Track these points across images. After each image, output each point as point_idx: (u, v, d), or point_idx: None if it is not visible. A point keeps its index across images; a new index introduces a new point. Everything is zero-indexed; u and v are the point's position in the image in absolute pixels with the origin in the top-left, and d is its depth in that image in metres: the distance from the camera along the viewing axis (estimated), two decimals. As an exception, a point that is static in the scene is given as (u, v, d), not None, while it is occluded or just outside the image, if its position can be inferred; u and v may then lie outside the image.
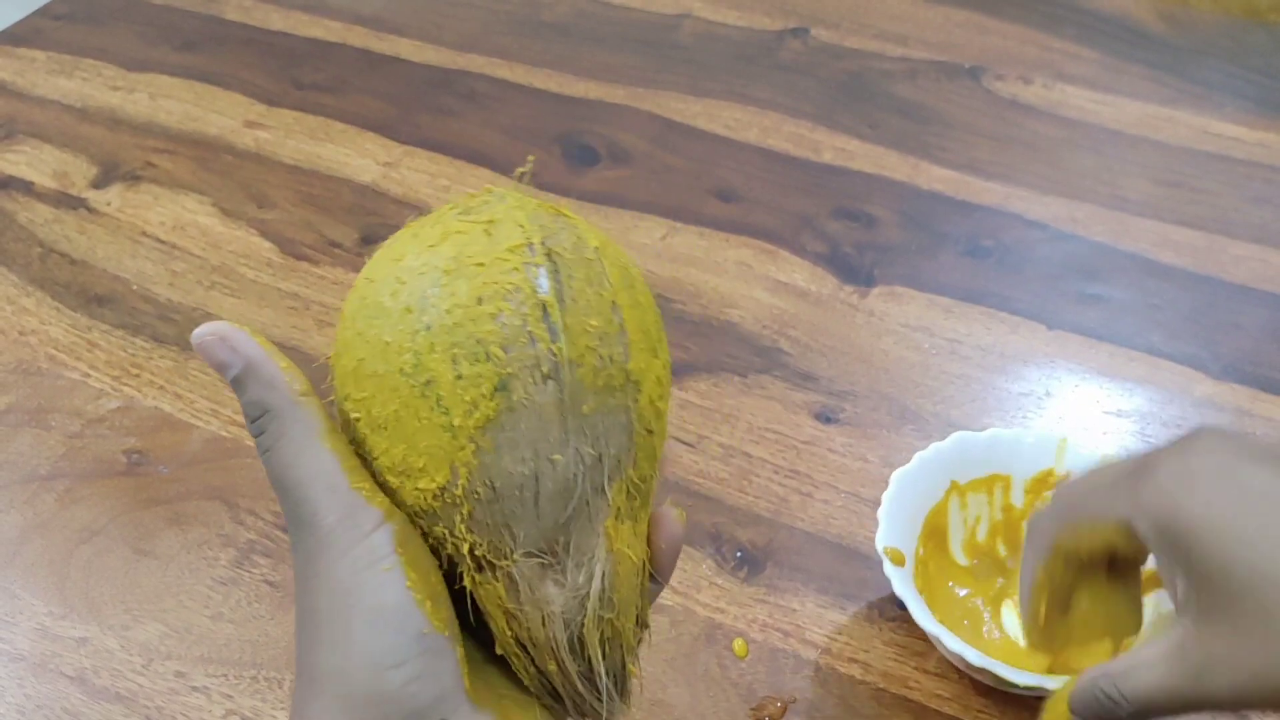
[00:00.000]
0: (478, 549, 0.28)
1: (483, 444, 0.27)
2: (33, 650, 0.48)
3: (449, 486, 0.28)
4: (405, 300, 0.28)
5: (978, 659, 0.42)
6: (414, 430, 0.27)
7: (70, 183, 0.72)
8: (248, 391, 0.28)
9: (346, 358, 0.29)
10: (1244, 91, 0.75)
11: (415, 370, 0.27)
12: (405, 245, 0.29)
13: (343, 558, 0.27)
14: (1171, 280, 0.63)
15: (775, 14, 0.84)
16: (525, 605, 0.29)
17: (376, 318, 0.28)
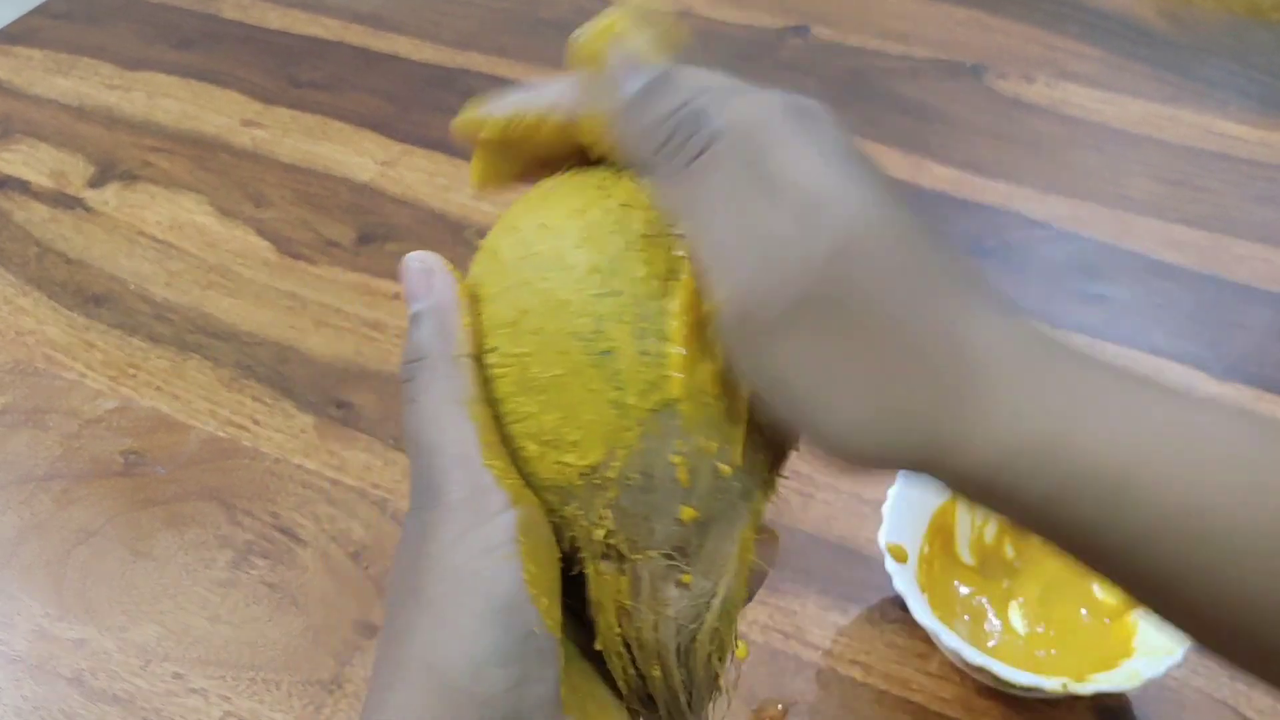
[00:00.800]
0: (612, 538, 0.26)
1: (651, 428, 0.25)
2: (30, 652, 0.48)
3: (601, 466, 0.25)
4: (592, 258, 0.25)
5: (975, 657, 0.42)
6: (577, 400, 0.25)
7: (67, 182, 0.72)
8: (420, 330, 0.26)
9: (503, 305, 0.26)
10: (1247, 90, 0.75)
11: (595, 337, 0.25)
12: (589, 196, 0.27)
13: (460, 540, 0.25)
14: (1174, 279, 0.62)
15: (776, 12, 0.83)
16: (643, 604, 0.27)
17: (554, 269, 0.25)
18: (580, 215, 0.26)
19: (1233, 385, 0.57)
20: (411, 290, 0.27)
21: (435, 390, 0.26)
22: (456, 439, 0.25)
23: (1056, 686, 0.41)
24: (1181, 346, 0.59)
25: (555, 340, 0.25)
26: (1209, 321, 0.60)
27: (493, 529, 0.25)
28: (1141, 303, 0.61)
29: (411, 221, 0.68)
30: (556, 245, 0.26)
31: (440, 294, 0.27)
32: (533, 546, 0.25)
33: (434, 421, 0.25)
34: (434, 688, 0.24)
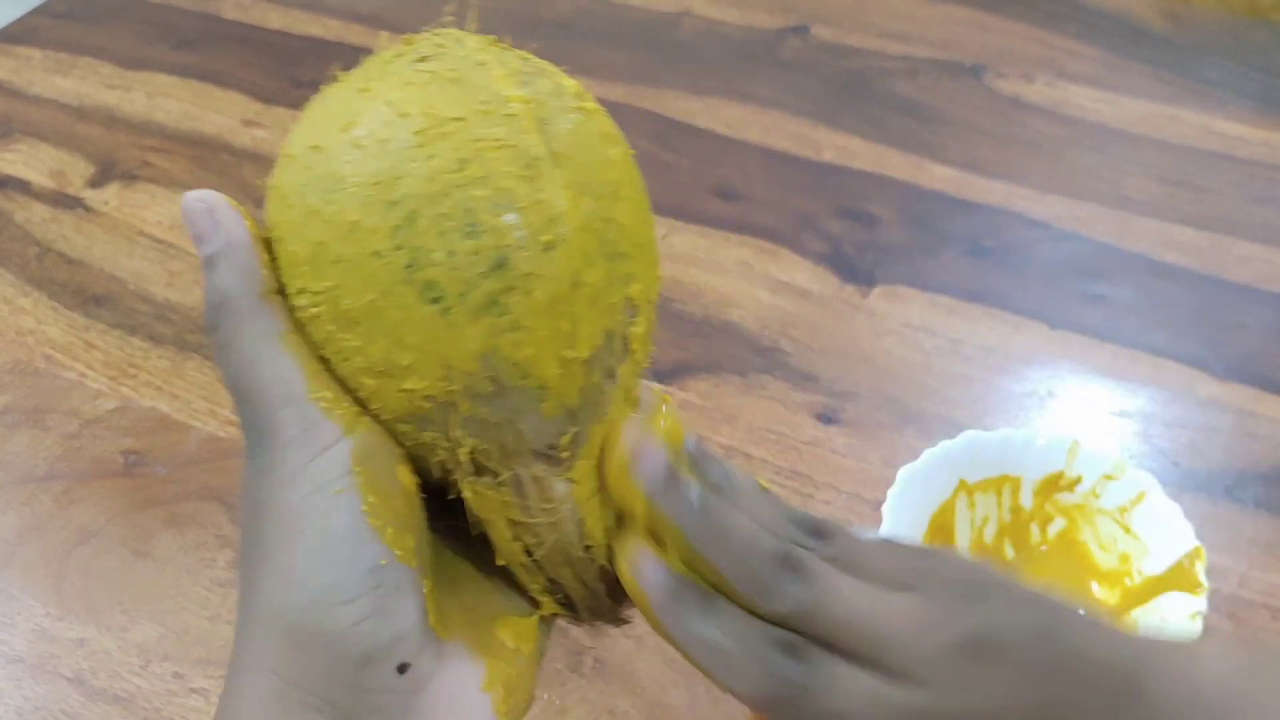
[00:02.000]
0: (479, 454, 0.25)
1: (481, 331, 0.23)
2: (30, 651, 0.48)
3: (444, 382, 0.24)
4: (373, 169, 0.23)
5: None
6: (397, 322, 0.23)
7: (67, 182, 0.72)
8: (217, 274, 0.25)
9: (296, 242, 0.24)
10: (1247, 90, 0.75)
11: (395, 251, 0.23)
12: (356, 104, 0.25)
13: (292, 479, 0.24)
14: (1175, 280, 0.62)
15: (776, 12, 0.83)
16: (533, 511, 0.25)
17: (335, 191, 0.24)
18: (349, 127, 0.24)
19: (1233, 386, 0.57)
20: (198, 232, 0.25)
21: (246, 331, 0.25)
22: (278, 377, 0.24)
23: None
24: (1182, 347, 0.59)
25: (359, 265, 0.23)
26: (1209, 322, 0.60)
27: (325, 463, 0.24)
28: (1142, 303, 0.61)
29: (412, 221, 0.68)
30: (330, 164, 0.24)
31: (230, 232, 0.25)
32: (372, 476, 0.24)
33: (252, 363, 0.24)
34: (281, 631, 0.23)
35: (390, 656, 0.24)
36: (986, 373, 0.58)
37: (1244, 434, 0.54)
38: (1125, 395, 0.57)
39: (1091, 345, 0.59)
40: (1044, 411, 0.56)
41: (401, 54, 0.26)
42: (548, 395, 0.24)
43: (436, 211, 0.23)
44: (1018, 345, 0.59)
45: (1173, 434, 0.54)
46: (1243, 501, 0.51)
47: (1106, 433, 0.55)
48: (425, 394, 0.24)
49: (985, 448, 0.48)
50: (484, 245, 0.23)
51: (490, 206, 0.23)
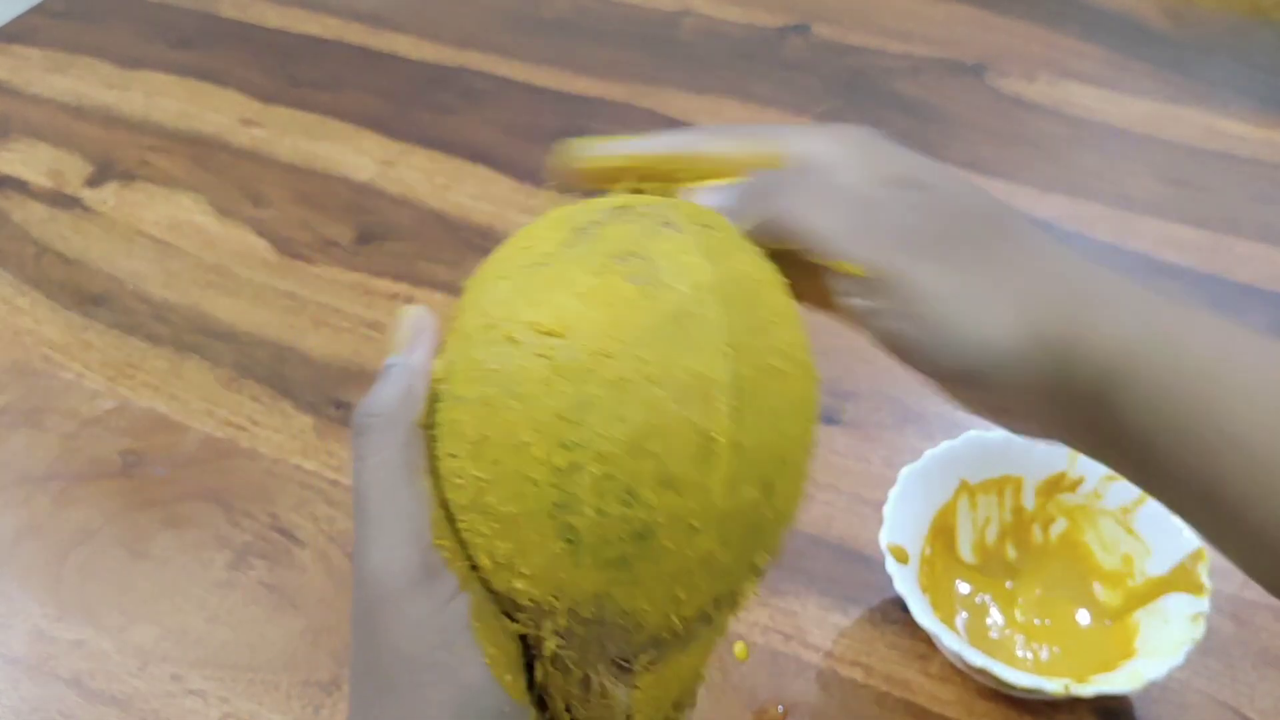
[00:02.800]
0: (562, 650, 0.26)
1: (602, 579, 0.24)
2: (28, 653, 0.48)
3: (552, 599, 0.24)
4: (558, 400, 0.23)
5: (976, 658, 0.41)
6: (531, 542, 0.24)
7: (65, 181, 0.72)
8: (385, 386, 0.26)
9: (468, 420, 0.24)
10: (1249, 89, 0.75)
11: (551, 488, 0.23)
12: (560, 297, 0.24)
13: (417, 626, 0.25)
14: (1177, 279, 0.62)
15: (776, 10, 0.83)
16: (593, 703, 0.26)
17: (517, 399, 0.23)
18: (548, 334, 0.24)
19: (1235, 385, 0.56)
20: (398, 340, 0.27)
21: (389, 452, 0.25)
22: (408, 513, 0.25)
23: (1058, 688, 0.41)
24: (1183, 346, 0.58)
25: (513, 479, 0.24)
26: (1211, 321, 0.60)
27: (449, 617, 0.25)
28: (1143, 302, 0.61)
29: (410, 221, 0.67)
30: (519, 367, 0.24)
31: (419, 359, 0.26)
32: (489, 630, 0.25)
33: (385, 487, 0.25)
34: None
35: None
36: (988, 373, 0.58)
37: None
38: (1127, 395, 0.56)
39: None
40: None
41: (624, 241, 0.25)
42: (644, 634, 0.25)
43: (604, 470, 0.23)
44: (1019, 345, 0.59)
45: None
46: (1245, 502, 0.51)
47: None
48: (532, 597, 0.25)
49: (987, 448, 0.48)
50: (633, 516, 0.23)
51: (654, 483, 0.23)
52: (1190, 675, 0.45)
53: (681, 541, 0.24)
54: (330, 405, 0.57)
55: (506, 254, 0.27)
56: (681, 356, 0.23)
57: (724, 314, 0.24)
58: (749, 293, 0.25)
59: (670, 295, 0.24)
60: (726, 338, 0.24)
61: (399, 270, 0.64)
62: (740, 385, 0.24)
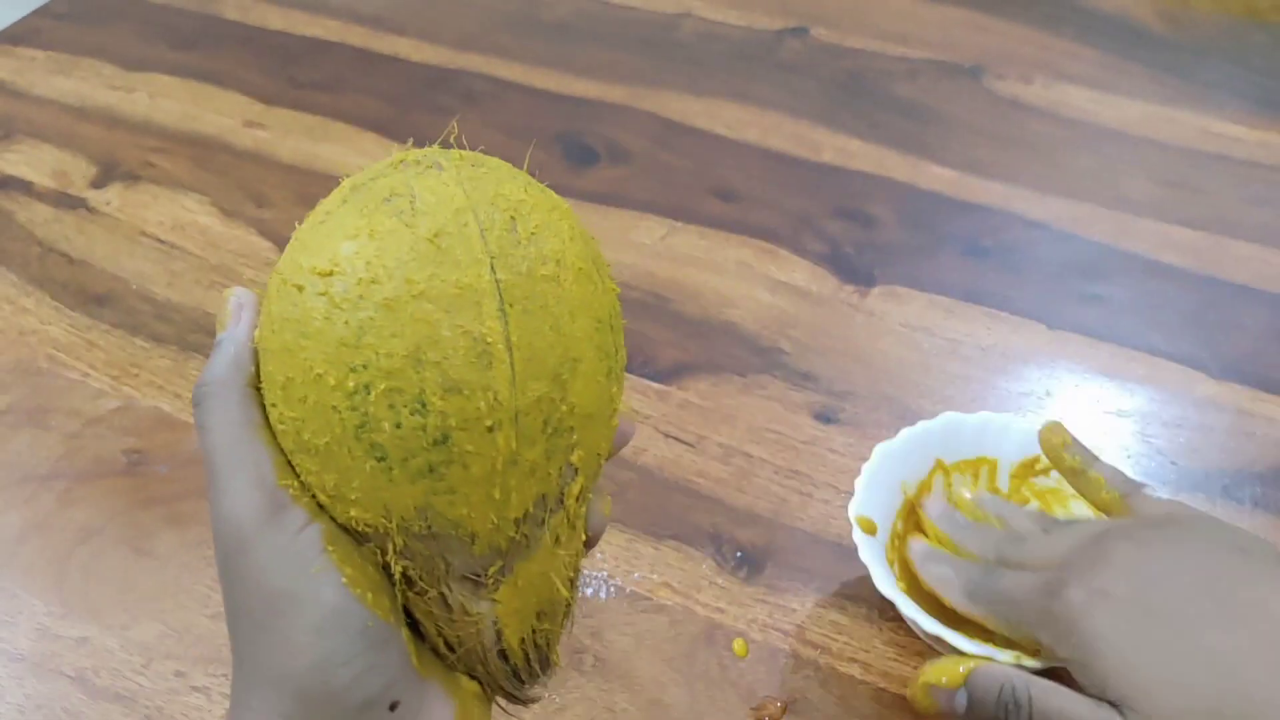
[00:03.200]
0: (410, 571, 0.27)
1: (419, 492, 0.26)
2: (32, 650, 0.48)
3: (383, 519, 0.26)
4: (339, 329, 0.25)
5: (931, 626, 0.42)
6: (347, 466, 0.26)
7: (69, 182, 0.72)
8: (215, 359, 0.29)
9: (275, 368, 0.27)
10: (1245, 91, 0.75)
11: (350, 411, 0.25)
12: (337, 246, 0.26)
13: (273, 560, 0.27)
14: (1172, 280, 0.63)
15: (775, 13, 0.84)
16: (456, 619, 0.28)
17: (307, 337, 0.26)
18: (326, 275, 0.26)
19: (1230, 386, 0.57)
20: (223, 318, 0.30)
21: (224, 414, 0.28)
22: (251, 462, 0.27)
23: (1009, 659, 0.41)
24: (1179, 347, 0.59)
25: (319, 412, 0.26)
26: (1207, 322, 0.60)
27: (301, 545, 0.27)
28: (1139, 303, 0.62)
29: (412, 222, 0.68)
30: (306, 305, 0.26)
31: (243, 329, 0.29)
32: (344, 553, 0.27)
33: (225, 445, 0.28)
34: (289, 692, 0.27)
35: (384, 699, 0.28)
36: (985, 372, 0.58)
37: (1241, 434, 0.55)
38: (1123, 395, 0.57)
39: (1089, 345, 0.59)
40: (1042, 411, 0.56)
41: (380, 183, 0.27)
42: (477, 541, 0.27)
43: (390, 385, 0.25)
44: (1016, 345, 0.59)
45: (1170, 434, 0.55)
46: (1240, 501, 0.52)
47: (1104, 433, 0.55)
48: (366, 522, 0.27)
49: (964, 429, 0.48)
50: (429, 424, 0.25)
51: (439, 390, 0.25)
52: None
53: (481, 442, 0.25)
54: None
55: (303, 223, 0.29)
56: (443, 271, 0.25)
57: (482, 230, 0.26)
58: (507, 211, 0.27)
59: (427, 220, 0.26)
60: (486, 250, 0.26)
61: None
62: (508, 291, 0.26)
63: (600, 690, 0.46)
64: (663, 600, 0.49)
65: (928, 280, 0.63)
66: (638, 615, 0.48)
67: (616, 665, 0.47)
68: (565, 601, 0.30)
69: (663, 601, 0.49)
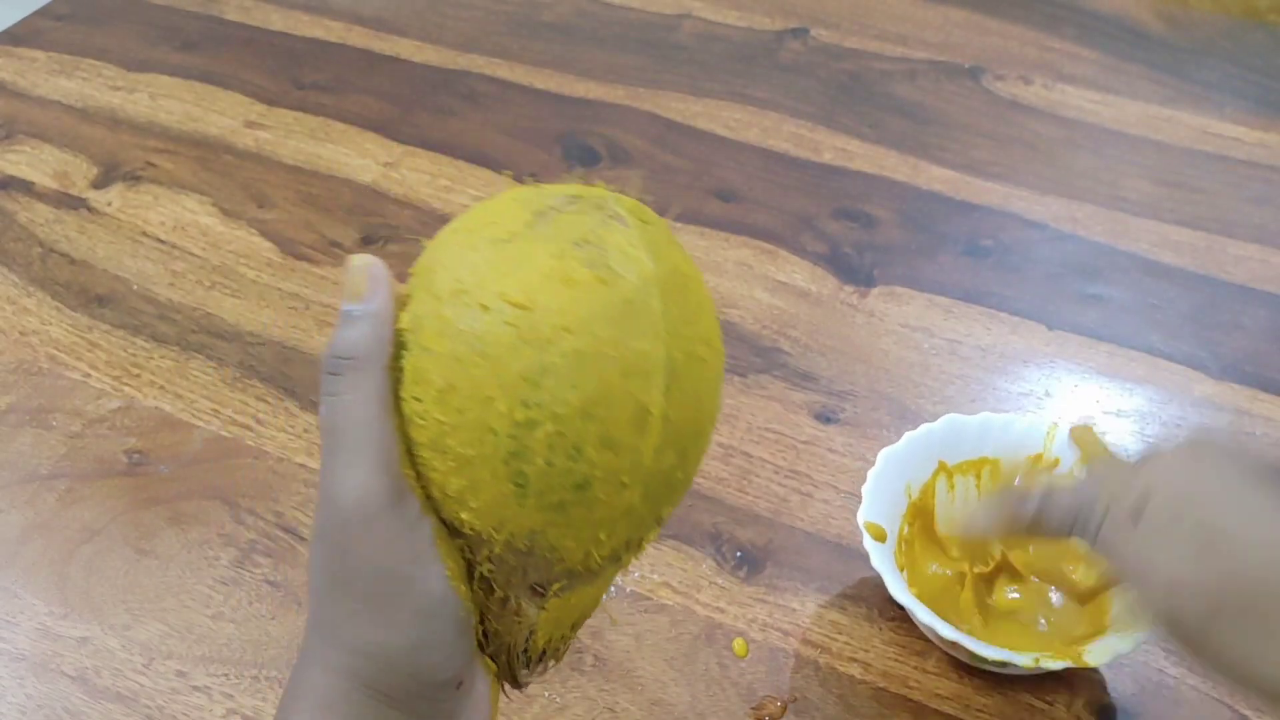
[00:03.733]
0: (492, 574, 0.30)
1: (540, 519, 0.28)
2: (34, 650, 0.48)
3: (493, 530, 0.28)
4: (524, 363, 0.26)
5: (948, 632, 0.42)
6: (483, 480, 0.27)
7: (71, 183, 0.72)
8: (354, 330, 0.28)
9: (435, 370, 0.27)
10: (1244, 92, 0.75)
11: (509, 439, 0.27)
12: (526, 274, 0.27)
13: (392, 542, 0.28)
14: (1171, 280, 0.63)
15: (775, 14, 0.84)
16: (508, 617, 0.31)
17: (485, 358, 0.27)
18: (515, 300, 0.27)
19: (1229, 386, 0.57)
20: (358, 290, 0.29)
21: (364, 391, 0.28)
22: (381, 443, 0.28)
23: (1028, 661, 0.42)
24: (1178, 347, 0.59)
25: (474, 428, 0.27)
26: (1206, 322, 0.60)
27: (416, 536, 0.28)
28: (1138, 304, 0.62)
29: (414, 222, 0.68)
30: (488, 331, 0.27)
31: (382, 303, 0.29)
32: (446, 547, 0.29)
33: (361, 422, 0.28)
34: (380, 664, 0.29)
35: (455, 679, 0.30)
36: (984, 372, 0.58)
37: (1240, 433, 0.55)
38: (1122, 395, 0.57)
39: (1088, 345, 0.59)
40: (1041, 411, 0.56)
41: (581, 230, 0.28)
42: (563, 565, 0.29)
43: (557, 429, 0.27)
44: (1015, 345, 0.59)
45: (1169, 433, 0.55)
46: (1238, 500, 0.52)
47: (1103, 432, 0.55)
48: (473, 527, 0.28)
49: (965, 430, 0.48)
50: (577, 469, 0.27)
51: (597, 443, 0.27)
52: (1185, 672, 0.46)
53: (612, 494, 0.28)
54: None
55: (471, 226, 0.30)
56: (628, 338, 0.27)
57: (663, 304, 0.28)
58: (681, 287, 0.29)
59: (622, 283, 0.27)
60: (664, 325, 0.28)
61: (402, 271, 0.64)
62: (673, 367, 0.28)
63: (601, 690, 0.46)
64: (663, 600, 0.49)
65: (927, 280, 0.63)
66: (638, 615, 0.48)
67: (617, 665, 0.47)
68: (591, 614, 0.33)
69: (663, 601, 0.49)
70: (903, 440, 0.48)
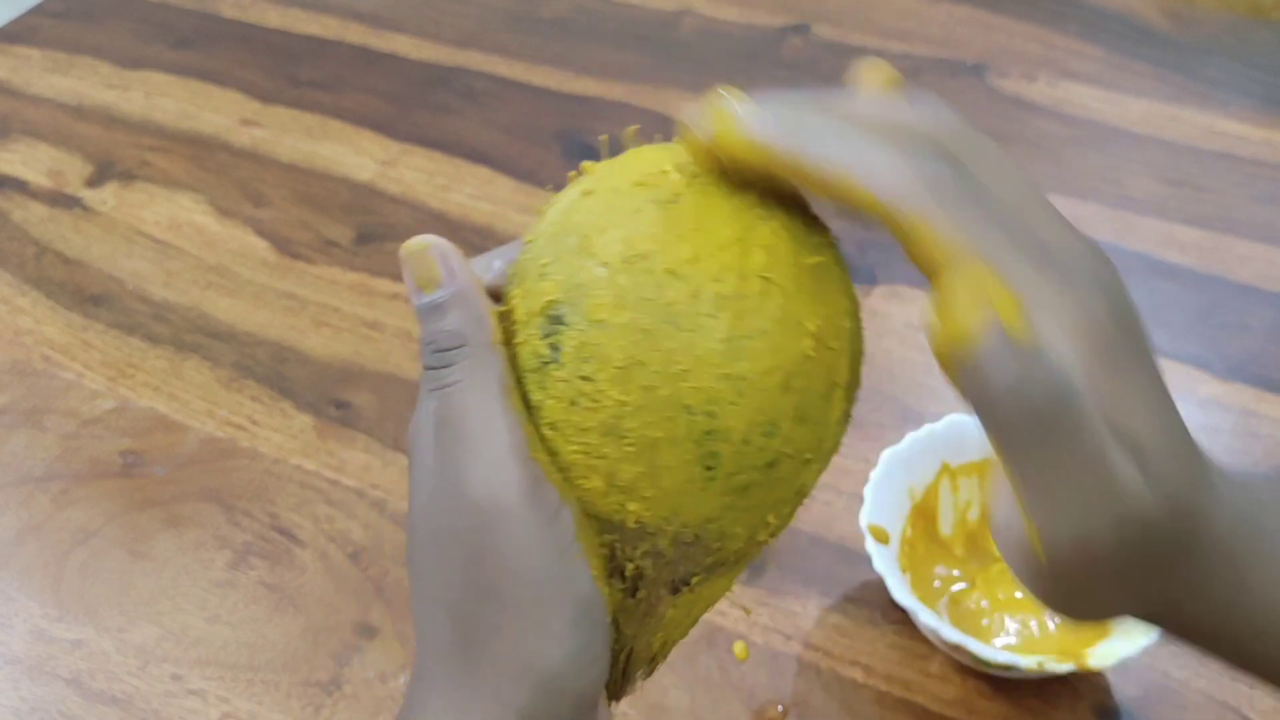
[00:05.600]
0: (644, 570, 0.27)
1: (722, 503, 0.25)
2: (28, 653, 0.48)
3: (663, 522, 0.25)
4: (717, 343, 0.24)
5: (952, 635, 0.42)
6: (665, 465, 0.25)
7: (65, 181, 0.72)
8: (447, 318, 0.25)
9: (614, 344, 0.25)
10: (1249, 89, 0.75)
11: (706, 419, 0.24)
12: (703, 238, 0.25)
13: (535, 540, 0.25)
14: (1177, 280, 0.62)
15: (776, 11, 0.83)
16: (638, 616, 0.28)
17: (678, 330, 0.24)
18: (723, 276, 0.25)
19: (1235, 386, 0.57)
20: (425, 274, 0.26)
21: (478, 379, 0.25)
22: (506, 428, 0.25)
23: (1033, 664, 0.41)
24: (1184, 347, 0.58)
25: (664, 406, 0.24)
26: (1211, 322, 0.60)
27: (559, 529, 0.25)
28: (1143, 303, 0.60)
29: (411, 221, 0.67)
30: (679, 302, 0.24)
31: (464, 280, 0.26)
32: (589, 541, 0.26)
33: (483, 409, 0.25)
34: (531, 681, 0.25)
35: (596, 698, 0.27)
36: (988, 373, 0.58)
37: (1246, 434, 0.54)
38: (1127, 395, 0.56)
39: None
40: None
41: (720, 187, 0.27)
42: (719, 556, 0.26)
43: (756, 405, 0.24)
44: (1019, 345, 0.59)
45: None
46: (1245, 502, 0.51)
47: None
48: (639, 518, 0.25)
49: (968, 431, 0.48)
50: (771, 446, 0.25)
51: (792, 420, 0.25)
52: (1190, 675, 0.45)
53: (795, 471, 0.26)
54: (330, 405, 0.57)
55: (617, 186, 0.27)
56: (821, 305, 0.26)
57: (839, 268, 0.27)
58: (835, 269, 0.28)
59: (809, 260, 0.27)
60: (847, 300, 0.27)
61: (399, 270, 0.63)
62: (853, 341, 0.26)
63: (600, 694, 0.46)
64: (663, 603, 0.48)
65: (930, 280, 0.63)
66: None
67: (617, 668, 0.46)
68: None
69: (663, 604, 0.48)
70: (905, 441, 0.48)
